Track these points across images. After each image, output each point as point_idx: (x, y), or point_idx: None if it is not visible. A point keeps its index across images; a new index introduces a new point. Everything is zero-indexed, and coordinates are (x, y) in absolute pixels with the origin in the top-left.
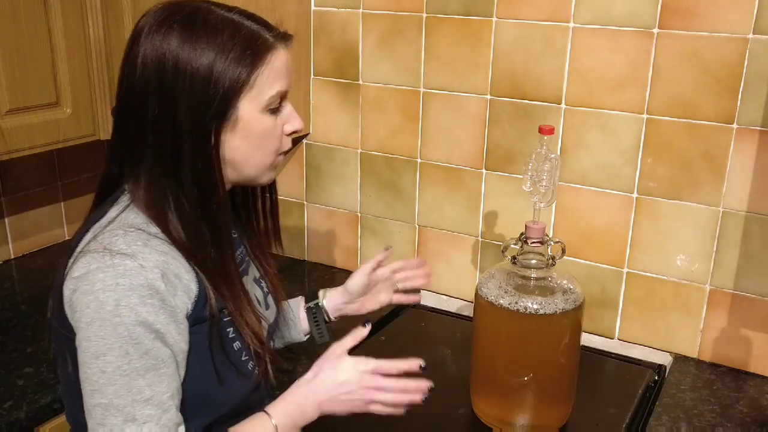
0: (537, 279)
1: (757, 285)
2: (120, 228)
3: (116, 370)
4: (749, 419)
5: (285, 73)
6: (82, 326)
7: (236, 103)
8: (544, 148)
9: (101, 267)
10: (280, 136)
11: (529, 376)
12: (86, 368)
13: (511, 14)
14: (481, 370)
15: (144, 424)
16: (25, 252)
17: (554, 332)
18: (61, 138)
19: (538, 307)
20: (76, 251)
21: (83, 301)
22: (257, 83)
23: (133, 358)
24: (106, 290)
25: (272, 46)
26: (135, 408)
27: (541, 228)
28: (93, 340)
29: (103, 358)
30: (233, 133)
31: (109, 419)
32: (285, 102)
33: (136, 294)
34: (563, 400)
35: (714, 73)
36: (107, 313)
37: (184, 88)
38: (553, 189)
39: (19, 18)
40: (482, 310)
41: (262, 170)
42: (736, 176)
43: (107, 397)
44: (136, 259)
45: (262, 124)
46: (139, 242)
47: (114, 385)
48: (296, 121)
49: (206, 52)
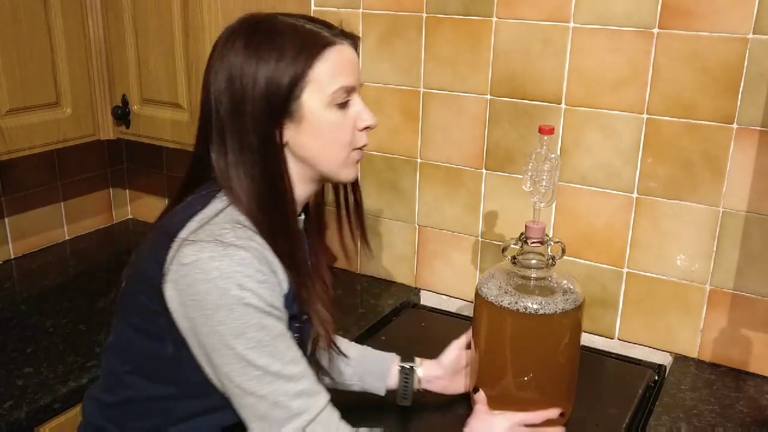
0: (537, 279)
1: (757, 285)
2: (227, 222)
3: (259, 343)
4: (749, 419)
5: (349, 69)
6: (208, 313)
7: (298, 99)
8: (544, 148)
9: (215, 256)
10: (352, 131)
11: (529, 376)
12: (226, 350)
13: (511, 14)
14: (482, 370)
15: (300, 380)
16: (25, 252)
17: (554, 332)
18: (61, 138)
19: (538, 307)
20: (179, 237)
21: (201, 289)
22: (317, 78)
23: (270, 329)
24: (223, 277)
25: (330, 42)
26: (286, 369)
27: (541, 228)
28: (227, 323)
29: (244, 336)
30: (300, 130)
31: (268, 387)
32: (355, 98)
33: (252, 280)
34: (564, 399)
35: (714, 73)
36: (232, 297)
37: (251, 92)
38: (553, 189)
39: (19, 18)
40: (482, 310)
41: (338, 166)
42: (736, 176)
43: (260, 369)
44: (247, 251)
45: (328, 119)
46: (246, 237)
47: (263, 357)
48: (368, 116)
49: (267, 56)
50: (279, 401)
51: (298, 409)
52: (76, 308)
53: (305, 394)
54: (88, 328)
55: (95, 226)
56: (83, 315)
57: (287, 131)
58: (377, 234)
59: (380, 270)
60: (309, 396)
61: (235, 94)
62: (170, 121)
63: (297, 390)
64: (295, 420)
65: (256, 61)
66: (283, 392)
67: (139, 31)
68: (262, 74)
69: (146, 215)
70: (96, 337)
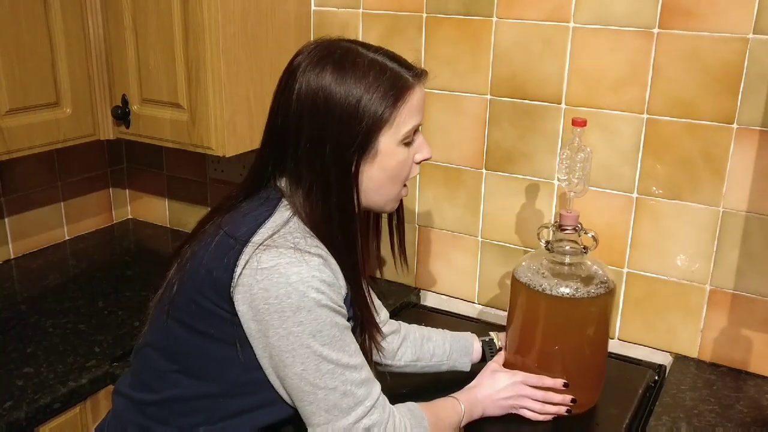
0: (571, 265)
1: (757, 285)
2: (298, 231)
3: (332, 339)
4: (749, 419)
5: (420, 109)
6: (287, 315)
7: (378, 137)
8: (576, 140)
9: (293, 262)
10: (411, 165)
11: (562, 359)
12: (303, 348)
13: (511, 14)
14: (516, 352)
15: (362, 369)
16: (25, 252)
17: (587, 316)
18: (61, 138)
19: (573, 292)
20: (252, 242)
21: (281, 292)
22: (397, 120)
23: (340, 325)
24: (303, 282)
25: (412, 85)
26: (353, 360)
27: (575, 216)
28: (306, 323)
29: (320, 334)
30: (372, 164)
31: (339, 378)
32: (418, 133)
33: (326, 284)
34: (595, 381)
35: (714, 73)
36: (311, 300)
37: (334, 122)
38: (585, 180)
39: (19, 18)
40: (519, 294)
41: (389, 199)
42: (736, 176)
43: (333, 362)
44: (320, 258)
45: (398, 156)
46: (316, 245)
47: (335, 351)
48: (426, 150)
49: (355, 91)
50: (348, 390)
51: (362, 395)
52: (76, 308)
53: (367, 381)
54: (88, 328)
55: (95, 226)
56: (83, 315)
57: (362, 164)
58: None
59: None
60: (370, 383)
61: (319, 120)
62: (170, 121)
63: (361, 378)
64: (360, 406)
65: (345, 95)
66: (351, 381)
67: (139, 31)
68: (350, 109)
69: (146, 215)
70: (96, 337)
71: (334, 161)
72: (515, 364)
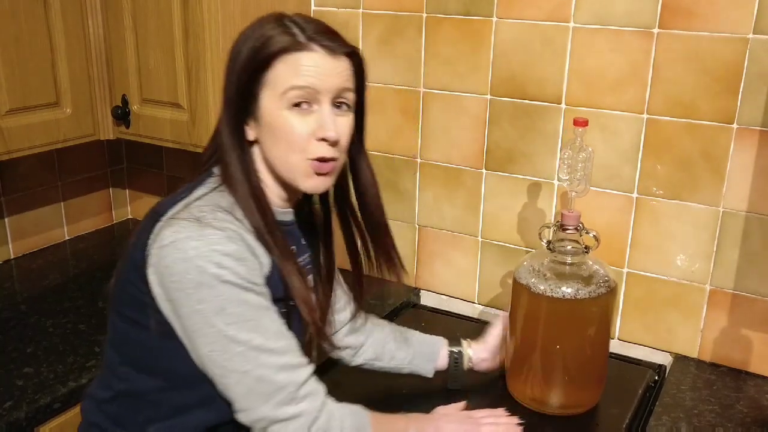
0: (572, 265)
1: (757, 285)
2: (207, 206)
3: (240, 318)
4: (749, 419)
5: (311, 72)
6: (189, 292)
7: (257, 94)
8: (578, 140)
9: (192, 236)
10: (306, 138)
11: (563, 358)
12: (208, 328)
13: (511, 14)
14: (517, 352)
15: (284, 354)
16: (25, 252)
17: (589, 315)
18: (61, 138)
19: (574, 292)
20: (163, 218)
21: (180, 268)
22: (274, 80)
23: (251, 304)
24: (201, 257)
25: (299, 46)
26: (270, 343)
27: (576, 216)
28: (208, 300)
29: (224, 312)
30: (261, 128)
31: (252, 362)
32: (323, 106)
33: (230, 258)
34: (596, 381)
35: (714, 73)
36: (210, 275)
37: (226, 79)
38: (587, 179)
39: (19, 18)
40: (520, 295)
41: (293, 173)
42: (736, 176)
43: (243, 345)
44: (224, 231)
45: (282, 121)
46: (225, 219)
47: (244, 332)
48: (326, 127)
49: (243, 46)
50: (262, 375)
51: (282, 381)
52: (76, 308)
53: (291, 367)
54: (88, 328)
55: (95, 226)
56: (83, 315)
57: (252, 130)
58: None
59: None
60: (293, 369)
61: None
62: (170, 121)
63: (281, 363)
64: (279, 393)
65: (237, 48)
66: (267, 365)
67: (139, 31)
68: (239, 61)
69: None
70: (96, 337)
71: (227, 125)
72: (517, 364)
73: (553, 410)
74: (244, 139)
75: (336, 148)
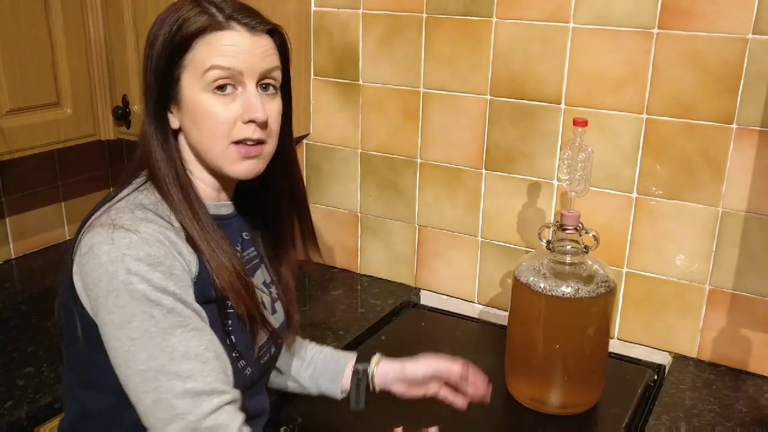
0: (572, 264)
1: (757, 285)
2: (127, 206)
3: (144, 334)
4: (749, 419)
5: (232, 52)
6: (100, 300)
7: (178, 78)
8: (578, 140)
9: (105, 240)
10: (231, 122)
11: (563, 358)
12: (114, 341)
13: (511, 14)
14: (517, 352)
15: (188, 378)
16: (26, 252)
17: (588, 315)
18: (61, 138)
19: (574, 292)
20: (85, 226)
21: (94, 275)
22: (194, 62)
23: (159, 319)
24: (113, 262)
25: (218, 25)
26: (173, 365)
27: (576, 216)
28: (114, 311)
29: (129, 326)
30: (182, 113)
31: (151, 383)
32: (248, 88)
33: (143, 263)
34: (596, 380)
35: (713, 73)
36: (120, 282)
37: (147, 66)
38: (586, 179)
39: (19, 18)
40: (520, 294)
41: (220, 159)
42: (736, 176)
43: (143, 363)
44: (138, 233)
45: (203, 104)
46: (143, 219)
47: (146, 350)
48: (253, 109)
49: (160, 30)
50: (161, 399)
51: (182, 409)
52: None
53: (193, 393)
54: None
55: None
56: None
57: (175, 117)
58: (377, 234)
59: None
60: (197, 396)
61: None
62: None
63: (184, 389)
64: (178, 420)
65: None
66: (166, 390)
67: (139, 31)
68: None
69: None
70: None
71: (147, 110)
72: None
73: (552, 410)
74: (167, 127)
75: (265, 132)
